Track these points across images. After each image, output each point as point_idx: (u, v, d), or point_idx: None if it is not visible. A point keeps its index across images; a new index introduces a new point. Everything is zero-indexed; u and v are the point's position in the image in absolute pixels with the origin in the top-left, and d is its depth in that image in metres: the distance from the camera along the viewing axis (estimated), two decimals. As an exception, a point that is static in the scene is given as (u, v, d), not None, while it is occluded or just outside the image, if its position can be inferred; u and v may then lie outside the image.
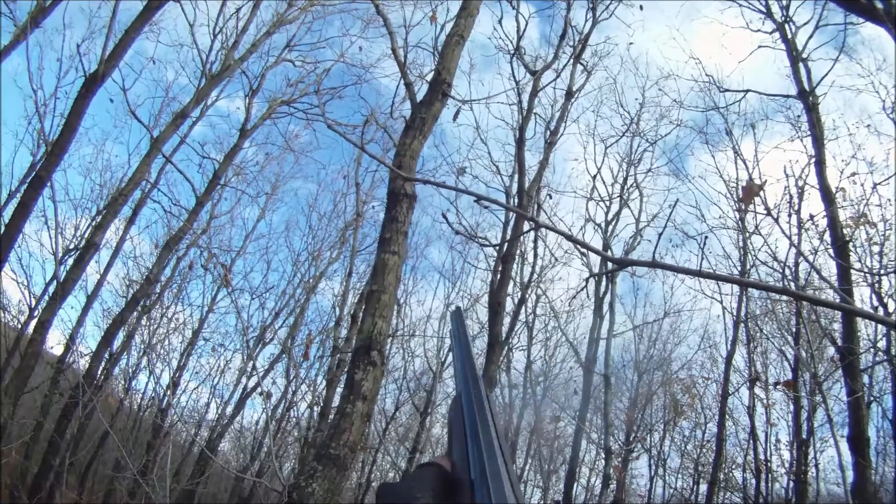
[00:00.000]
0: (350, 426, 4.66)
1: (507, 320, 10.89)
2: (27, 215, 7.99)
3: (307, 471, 4.64)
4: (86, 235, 13.51)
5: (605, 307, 13.16)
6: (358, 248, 13.97)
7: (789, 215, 10.73)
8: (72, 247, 14.00)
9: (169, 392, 17.77)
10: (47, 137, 12.96)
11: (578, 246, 12.51)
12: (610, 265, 11.57)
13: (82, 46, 12.82)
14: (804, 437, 14.32)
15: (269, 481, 6.47)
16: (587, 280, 12.63)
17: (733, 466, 17.37)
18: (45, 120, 13.31)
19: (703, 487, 17.78)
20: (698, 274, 2.26)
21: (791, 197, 10.50)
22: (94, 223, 13.15)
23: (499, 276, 9.88)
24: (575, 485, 12.81)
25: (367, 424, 5.53)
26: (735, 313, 15.56)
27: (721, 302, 16.38)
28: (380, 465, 19.50)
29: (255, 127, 15.69)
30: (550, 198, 13.90)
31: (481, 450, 0.69)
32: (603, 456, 15.94)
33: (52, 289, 11.21)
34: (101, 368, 12.04)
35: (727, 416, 15.85)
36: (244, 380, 17.66)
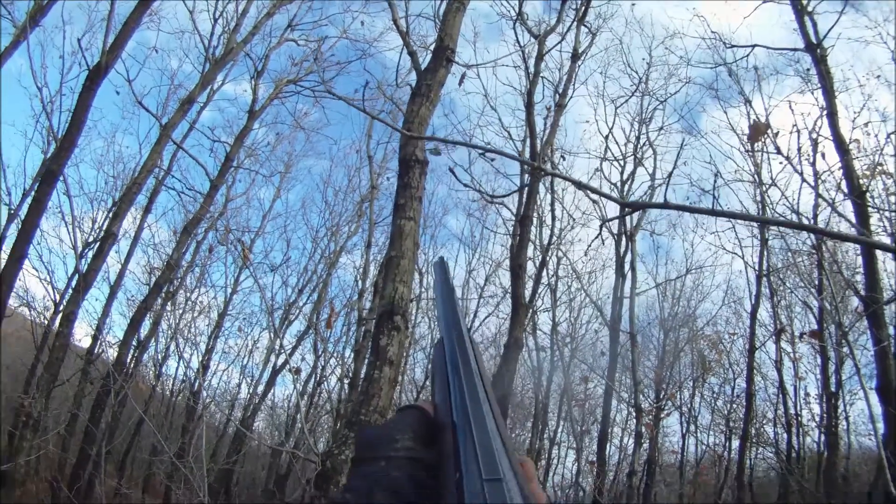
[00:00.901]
0: (379, 391, 4.65)
1: (529, 284, 10.87)
2: (42, 210, 8.01)
3: (339, 438, 4.66)
4: (103, 227, 13.62)
5: (627, 266, 13.12)
6: (375, 219, 13.97)
7: (809, 164, 10.60)
8: (91, 239, 14.14)
9: (200, 375, 18.12)
10: (56, 133, 13.02)
11: (590, 193, 12.43)
12: (624, 210, 11.51)
13: (83, 40, 12.79)
14: (833, 389, 14.27)
15: (304, 454, 6.48)
16: (601, 226, 12.48)
17: (764, 421, 17.37)
18: (53, 117, 13.44)
19: (736, 443, 17.82)
20: (711, 213, 2.21)
21: (804, 147, 10.34)
22: (110, 214, 13.25)
23: (517, 239, 9.87)
24: (608, 445, 12.87)
25: (395, 389, 5.53)
26: (757, 267, 15.47)
27: (742, 256, 16.33)
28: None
29: (263, 108, 15.68)
30: (564, 159, 13.82)
31: (463, 392, 0.67)
32: (634, 415, 16.01)
33: (74, 282, 11.30)
34: (130, 356, 12.17)
35: (755, 371, 15.80)
36: (273, 358, 17.93)
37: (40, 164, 13.27)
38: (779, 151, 6.07)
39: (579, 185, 2.97)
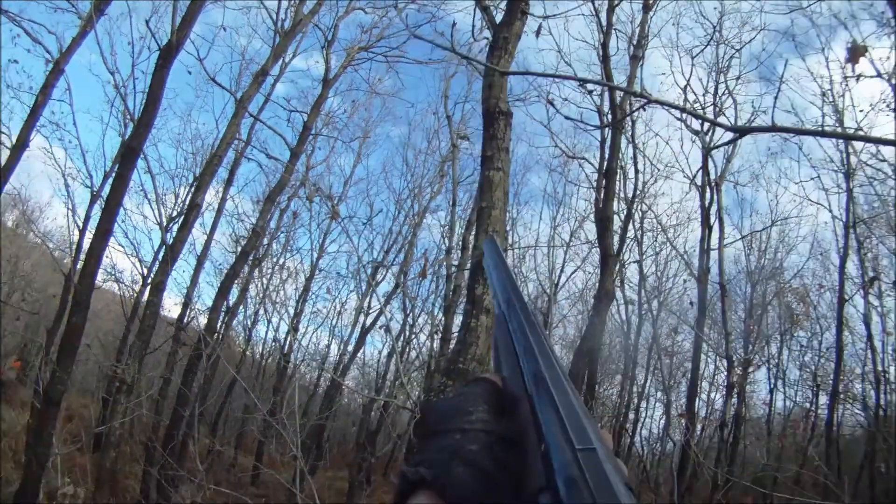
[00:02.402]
0: (476, 339, 4.63)
1: (615, 239, 10.75)
2: (125, 186, 8.19)
3: (437, 386, 4.66)
4: (186, 201, 14.00)
5: (713, 218, 12.82)
6: (458, 178, 13.96)
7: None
8: (174, 214, 14.56)
9: (291, 334, 18.68)
10: (133, 114, 13.40)
11: (690, 118, 12.15)
12: (729, 135, 11.16)
13: (150, 23, 13.11)
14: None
15: (400, 403, 6.56)
16: (706, 155, 12.07)
17: (852, 377, 16.88)
18: (128, 99, 13.77)
19: (823, 400, 17.39)
20: (821, 134, 2.07)
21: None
22: (192, 189, 13.57)
23: (602, 192, 9.75)
24: (696, 399, 12.65)
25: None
26: (844, 218, 14.93)
27: (829, 207, 15.78)
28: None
29: (336, 76, 15.68)
30: (644, 110, 13.48)
31: (538, 362, 0.63)
32: (722, 369, 15.72)
33: (161, 255, 11.62)
34: (220, 321, 12.50)
35: (844, 325, 15.32)
36: (361, 318, 18.30)
37: (119, 145, 13.70)
38: (879, 75, 5.78)
39: (683, 110, 2.86)
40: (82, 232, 14.25)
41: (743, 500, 15.07)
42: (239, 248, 13.77)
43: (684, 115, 12.35)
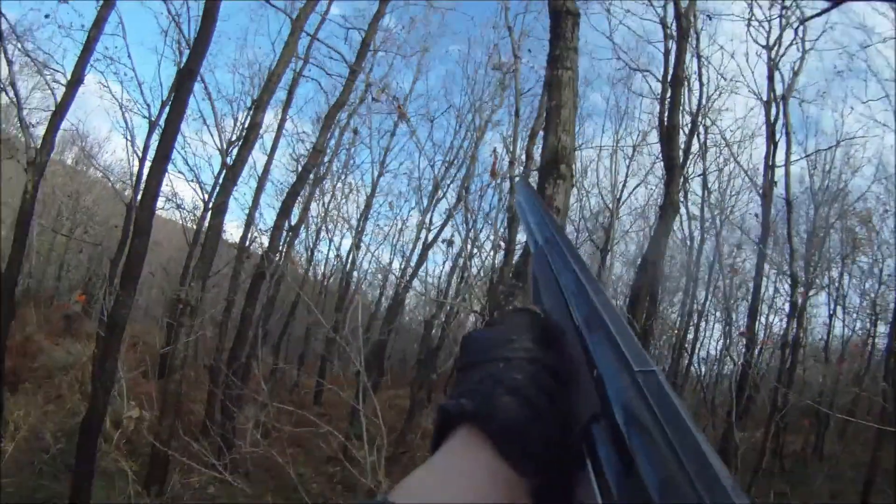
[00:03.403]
0: (547, 241, 4.59)
1: (679, 154, 10.55)
2: (184, 109, 8.13)
3: (508, 288, 4.65)
4: (245, 124, 14.09)
5: (779, 133, 12.45)
6: (521, 90, 13.80)
7: None
8: (234, 138, 14.68)
9: (354, 249, 18.82)
10: (189, 40, 13.43)
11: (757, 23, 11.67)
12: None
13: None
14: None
15: (468, 306, 6.60)
16: (799, 25, 11.54)
17: (912, 306, 16.50)
18: (182, 26, 13.86)
19: (882, 328, 17.11)
20: None
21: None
22: (251, 111, 13.62)
23: (667, 102, 9.55)
24: (756, 322, 12.51)
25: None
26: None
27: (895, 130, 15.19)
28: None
29: (394, -10, 15.33)
30: (710, 19, 13.01)
31: (586, 290, 0.59)
32: (782, 292, 15.54)
33: (222, 177, 11.74)
34: (282, 240, 12.65)
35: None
36: (423, 233, 18.40)
37: (175, 73, 13.80)
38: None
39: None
40: (142, 161, 14.52)
41: (800, 422, 15.08)
42: (299, 168, 13.79)
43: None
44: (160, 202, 10.91)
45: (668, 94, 9.79)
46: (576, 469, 0.48)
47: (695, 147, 13.81)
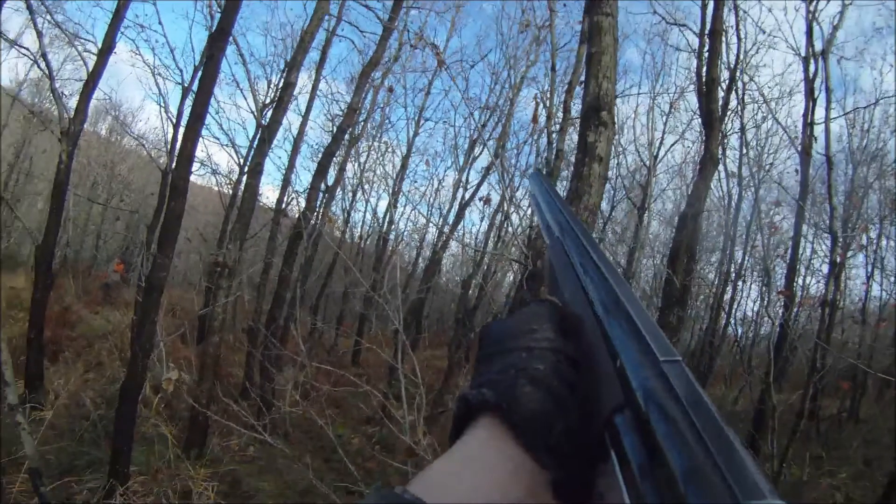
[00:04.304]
0: (588, 189, 4.55)
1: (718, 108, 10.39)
2: (217, 69, 8.01)
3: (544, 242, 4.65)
4: (279, 86, 14.07)
5: (817, 90, 12.20)
6: (557, 44, 13.66)
7: None
8: (267, 101, 14.71)
9: (390, 212, 19.07)
10: (220, 2, 13.41)
11: None
12: None
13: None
14: None
15: (510, 256, 6.59)
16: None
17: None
18: (214, -10, 13.80)
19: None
20: None
21: None
22: (284, 73, 13.61)
23: (706, 55, 9.44)
24: (793, 282, 12.37)
25: (605, 186, 5.46)
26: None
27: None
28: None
29: (427, -54, 15.24)
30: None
31: (606, 278, 0.58)
32: (819, 252, 15.31)
33: (257, 139, 11.79)
34: (319, 201, 12.69)
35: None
36: (460, 192, 18.35)
37: (207, 37, 13.80)
38: None
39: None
40: (176, 126, 14.54)
41: (837, 385, 14.95)
42: (335, 128, 13.80)
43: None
44: (195, 166, 10.99)
45: (706, 48, 9.63)
46: (596, 461, 0.48)
47: (732, 103, 13.56)
